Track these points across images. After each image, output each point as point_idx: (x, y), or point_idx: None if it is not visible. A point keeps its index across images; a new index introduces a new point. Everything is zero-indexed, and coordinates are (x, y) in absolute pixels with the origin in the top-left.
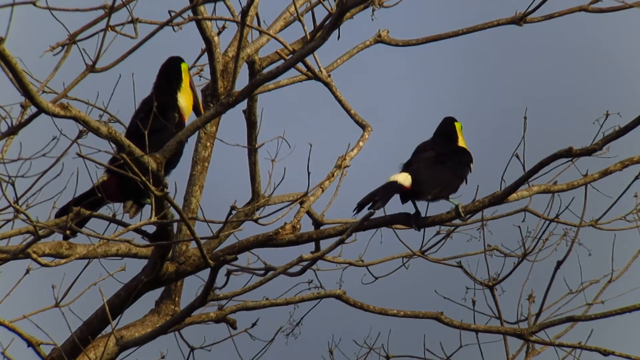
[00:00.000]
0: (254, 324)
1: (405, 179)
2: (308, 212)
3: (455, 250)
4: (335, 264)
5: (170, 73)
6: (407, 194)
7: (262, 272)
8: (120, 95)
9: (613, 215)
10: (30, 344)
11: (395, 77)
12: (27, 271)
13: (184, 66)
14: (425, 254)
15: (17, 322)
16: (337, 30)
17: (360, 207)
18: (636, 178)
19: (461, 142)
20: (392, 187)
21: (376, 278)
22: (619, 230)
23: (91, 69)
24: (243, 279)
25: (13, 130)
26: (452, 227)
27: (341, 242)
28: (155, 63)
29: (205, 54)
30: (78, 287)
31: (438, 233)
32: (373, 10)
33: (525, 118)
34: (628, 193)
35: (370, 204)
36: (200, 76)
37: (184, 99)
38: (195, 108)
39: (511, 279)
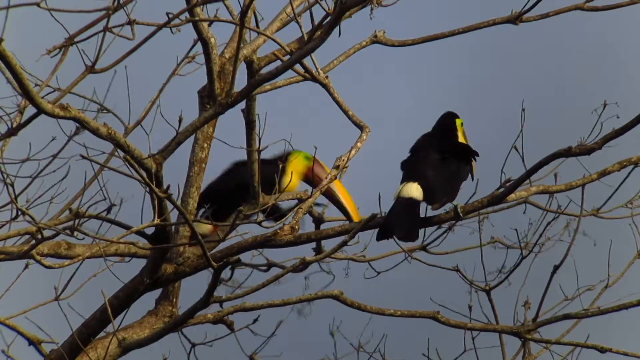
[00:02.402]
0: (255, 320)
1: (418, 192)
2: (309, 212)
3: (457, 243)
4: (336, 259)
5: None
6: None
7: (265, 267)
8: (116, 93)
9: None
10: (31, 342)
11: (392, 77)
12: (27, 265)
13: None
14: (427, 248)
15: (18, 320)
16: (337, 28)
17: (386, 235)
18: (636, 165)
19: (461, 139)
20: (415, 208)
21: (378, 273)
22: (620, 218)
23: (91, 69)
24: (242, 278)
25: (12, 132)
26: (453, 221)
27: (344, 244)
28: (151, 62)
29: (196, 47)
30: (77, 282)
31: (439, 227)
32: (372, 9)
33: (523, 109)
34: (630, 190)
35: (402, 235)
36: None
37: None
38: None
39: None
